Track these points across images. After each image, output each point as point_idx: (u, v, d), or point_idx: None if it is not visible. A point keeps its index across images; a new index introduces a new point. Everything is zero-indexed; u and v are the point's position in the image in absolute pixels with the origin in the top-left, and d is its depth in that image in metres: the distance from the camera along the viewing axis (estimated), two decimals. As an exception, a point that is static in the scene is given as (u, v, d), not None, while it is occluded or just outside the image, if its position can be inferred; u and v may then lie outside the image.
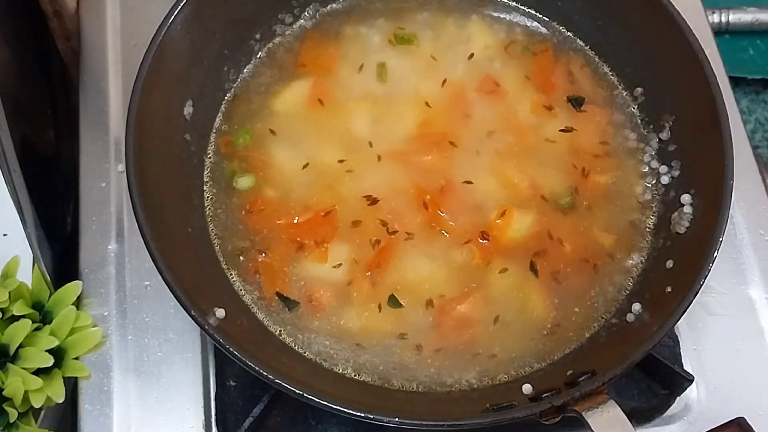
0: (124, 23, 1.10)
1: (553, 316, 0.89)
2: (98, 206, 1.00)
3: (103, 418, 0.90)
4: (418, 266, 0.90)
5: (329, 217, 0.92)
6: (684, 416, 0.93)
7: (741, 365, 0.95)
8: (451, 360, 0.87)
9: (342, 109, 0.98)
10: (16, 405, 0.86)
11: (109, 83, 1.07)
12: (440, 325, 0.88)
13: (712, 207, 0.82)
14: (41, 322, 0.91)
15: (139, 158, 0.82)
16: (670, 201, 0.91)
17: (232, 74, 0.99)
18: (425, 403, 0.84)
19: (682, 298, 0.78)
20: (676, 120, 0.93)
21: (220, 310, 0.80)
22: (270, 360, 0.80)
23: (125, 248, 0.98)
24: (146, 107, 0.85)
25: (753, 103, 1.74)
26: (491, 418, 0.74)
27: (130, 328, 0.94)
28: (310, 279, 0.90)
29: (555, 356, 0.87)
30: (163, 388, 0.92)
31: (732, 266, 0.99)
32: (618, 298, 0.89)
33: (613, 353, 0.81)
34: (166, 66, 0.88)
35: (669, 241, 0.89)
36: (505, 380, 0.86)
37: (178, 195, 0.90)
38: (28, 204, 0.92)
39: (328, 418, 0.90)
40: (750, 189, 1.03)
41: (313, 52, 1.00)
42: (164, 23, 0.87)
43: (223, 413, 0.90)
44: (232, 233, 0.92)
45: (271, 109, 0.98)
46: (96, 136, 1.03)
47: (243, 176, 0.94)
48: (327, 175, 0.94)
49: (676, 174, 0.92)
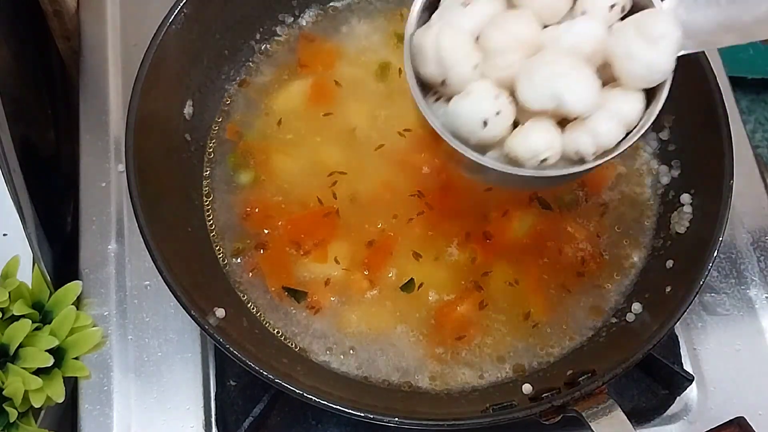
0: (124, 23, 1.10)
1: (553, 315, 0.89)
2: (98, 206, 1.00)
3: (103, 418, 0.90)
4: (417, 266, 0.90)
5: (329, 217, 0.92)
6: (684, 416, 0.93)
7: (741, 365, 0.95)
8: (451, 359, 0.87)
9: (342, 108, 0.97)
10: (16, 405, 0.86)
11: (109, 83, 1.07)
12: (440, 325, 0.88)
13: (711, 207, 0.82)
14: (41, 322, 0.91)
15: (139, 158, 0.82)
16: (670, 201, 0.91)
17: (232, 74, 0.99)
18: (425, 403, 0.84)
19: (682, 298, 0.78)
20: (675, 120, 0.93)
21: (220, 310, 0.80)
22: (270, 360, 0.80)
23: (125, 248, 0.98)
24: (146, 107, 0.85)
25: (753, 103, 1.75)
26: (491, 417, 0.74)
27: (130, 328, 0.94)
28: (310, 278, 0.90)
29: (555, 356, 0.87)
30: (163, 388, 0.92)
31: (732, 266, 0.99)
32: (618, 297, 0.89)
33: (613, 353, 0.81)
34: (166, 66, 0.88)
35: (669, 240, 0.89)
36: (505, 380, 0.86)
37: (178, 195, 0.90)
38: (28, 204, 0.92)
39: (328, 418, 0.90)
40: (750, 189, 1.03)
41: (313, 52, 1.00)
42: (164, 23, 0.87)
43: (223, 413, 0.90)
44: (232, 233, 0.92)
45: (271, 109, 0.98)
46: (96, 136, 1.03)
47: (243, 172, 0.94)
48: (327, 175, 0.94)
49: (676, 174, 0.93)
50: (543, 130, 0.66)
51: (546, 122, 0.66)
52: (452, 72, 0.66)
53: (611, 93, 0.67)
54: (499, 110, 0.65)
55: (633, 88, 0.67)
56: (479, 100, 0.66)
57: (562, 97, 0.64)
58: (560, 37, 0.66)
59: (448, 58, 0.66)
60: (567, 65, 0.64)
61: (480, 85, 0.66)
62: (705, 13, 0.67)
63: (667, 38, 0.65)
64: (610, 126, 0.67)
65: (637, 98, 0.68)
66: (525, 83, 0.65)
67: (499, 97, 0.66)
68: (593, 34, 0.66)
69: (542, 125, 0.66)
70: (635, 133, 0.68)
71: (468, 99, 0.66)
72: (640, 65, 0.65)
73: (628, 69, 0.66)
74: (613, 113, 0.67)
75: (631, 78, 0.66)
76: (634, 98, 0.68)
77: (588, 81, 0.65)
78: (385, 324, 0.88)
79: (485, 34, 0.66)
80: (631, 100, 0.67)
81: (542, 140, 0.66)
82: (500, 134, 0.67)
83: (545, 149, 0.66)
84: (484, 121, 0.65)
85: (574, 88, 0.64)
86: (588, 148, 0.67)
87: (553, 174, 0.67)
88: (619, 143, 0.68)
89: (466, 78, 0.66)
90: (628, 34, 0.65)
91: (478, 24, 0.67)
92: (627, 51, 0.65)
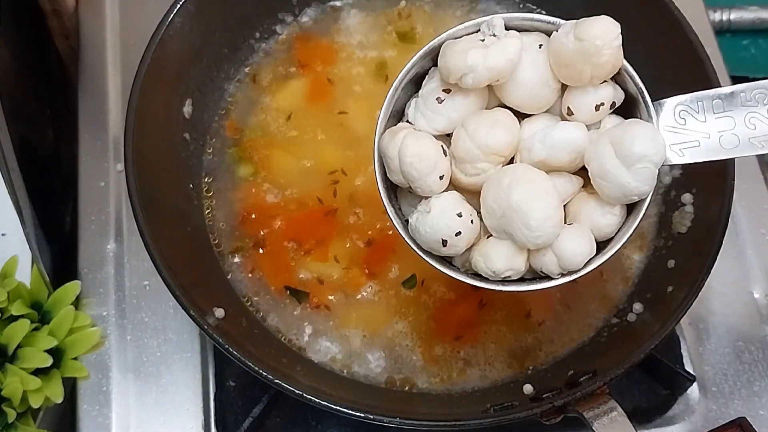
0: (123, 22, 1.10)
1: (554, 315, 0.88)
2: (97, 206, 1.00)
3: (101, 419, 0.90)
4: (418, 265, 0.89)
5: (329, 216, 0.91)
6: (685, 416, 0.92)
7: (742, 365, 0.94)
8: (451, 359, 0.86)
9: (341, 107, 0.97)
10: (14, 405, 0.85)
11: (108, 82, 1.06)
12: (440, 325, 0.88)
13: (713, 206, 0.82)
14: (40, 322, 0.91)
15: (138, 157, 0.82)
16: (672, 200, 0.91)
17: (231, 73, 0.99)
18: (425, 403, 0.84)
19: (684, 298, 0.78)
20: (677, 119, 0.93)
21: (219, 310, 0.80)
22: (270, 360, 0.80)
23: (124, 248, 0.98)
24: (145, 106, 0.84)
25: (754, 103, 1.74)
26: (492, 418, 0.74)
27: (129, 328, 0.94)
28: (310, 278, 0.89)
29: (556, 356, 0.87)
30: (162, 388, 0.91)
31: (733, 266, 0.99)
32: (619, 297, 0.89)
33: (614, 353, 0.80)
34: (166, 65, 0.88)
35: (670, 240, 0.89)
36: (506, 380, 0.86)
37: (177, 194, 0.90)
38: (27, 203, 0.92)
39: (328, 418, 0.90)
40: (751, 188, 1.03)
41: (313, 51, 1.00)
42: (163, 22, 0.87)
43: (223, 413, 0.90)
44: (231, 233, 0.91)
45: (271, 108, 0.98)
46: (95, 136, 1.03)
47: (243, 171, 0.94)
48: (326, 174, 0.94)
49: (678, 173, 0.92)
50: (504, 251, 0.63)
51: (508, 243, 0.63)
52: (416, 184, 0.64)
53: (586, 204, 0.64)
54: (459, 231, 0.63)
55: (608, 203, 0.64)
56: (439, 219, 0.63)
57: (523, 225, 0.61)
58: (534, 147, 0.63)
59: (410, 173, 0.63)
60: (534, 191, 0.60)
61: (441, 203, 0.63)
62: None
63: (645, 161, 0.60)
64: (577, 245, 0.63)
65: (613, 212, 0.64)
66: (489, 196, 0.63)
67: (462, 215, 0.63)
68: (574, 141, 0.62)
69: (504, 246, 0.63)
70: (608, 250, 0.65)
71: (428, 217, 0.64)
72: (614, 188, 0.62)
73: (602, 187, 0.62)
74: (584, 230, 0.64)
75: (605, 195, 0.63)
76: (610, 212, 0.64)
77: (549, 213, 0.61)
78: (385, 323, 0.88)
79: (456, 140, 0.64)
80: (606, 212, 0.64)
81: (501, 263, 0.63)
82: (462, 250, 0.65)
83: (505, 270, 0.64)
84: (443, 240, 0.63)
85: (534, 223, 0.60)
86: (553, 267, 0.64)
87: (517, 290, 0.66)
88: (592, 259, 0.65)
89: (430, 190, 0.64)
90: (605, 152, 0.61)
91: (453, 122, 0.64)
92: (601, 170, 0.61)
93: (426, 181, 0.63)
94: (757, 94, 0.63)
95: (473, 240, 0.65)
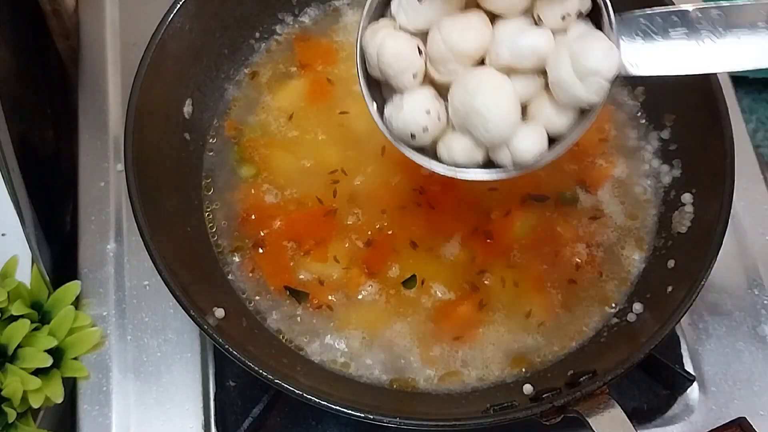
0: (123, 22, 1.10)
1: (554, 315, 0.88)
2: (97, 206, 1.00)
3: (102, 419, 0.90)
4: (418, 266, 0.90)
5: (329, 216, 0.91)
6: (685, 416, 0.92)
7: (742, 365, 0.94)
8: (451, 359, 0.86)
9: (342, 107, 0.97)
10: (14, 405, 0.85)
11: (108, 82, 1.07)
12: (440, 325, 0.87)
13: (713, 206, 0.82)
14: (40, 322, 0.91)
15: (138, 158, 0.82)
16: (671, 200, 0.91)
17: (231, 73, 0.99)
18: (425, 403, 0.84)
19: (684, 298, 0.78)
20: (677, 119, 0.93)
21: (219, 310, 0.80)
22: (270, 360, 0.80)
23: (124, 248, 0.98)
24: (145, 106, 0.84)
25: (755, 103, 1.74)
26: (492, 418, 0.74)
27: (129, 328, 0.94)
28: (309, 278, 0.89)
29: (556, 356, 0.87)
30: (162, 388, 0.91)
31: (733, 266, 0.99)
32: (619, 297, 0.89)
33: (614, 353, 0.80)
34: (166, 65, 0.88)
35: (670, 240, 0.89)
36: (506, 380, 0.86)
37: (178, 194, 0.90)
38: (27, 203, 0.92)
39: (328, 418, 0.90)
40: (751, 188, 1.03)
41: (313, 51, 1.00)
42: (163, 22, 0.87)
43: (223, 413, 0.90)
44: (231, 232, 0.91)
45: (271, 108, 0.98)
46: (95, 135, 1.03)
47: (243, 171, 0.94)
48: (326, 173, 0.94)
49: (678, 173, 0.92)
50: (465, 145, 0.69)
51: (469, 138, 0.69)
52: (391, 81, 0.69)
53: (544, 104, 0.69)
54: (426, 126, 0.69)
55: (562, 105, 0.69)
56: (409, 115, 0.69)
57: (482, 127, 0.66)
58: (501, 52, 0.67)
59: (386, 71, 0.68)
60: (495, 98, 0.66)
61: (412, 99, 0.69)
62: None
63: (598, 75, 0.65)
64: (529, 143, 0.68)
65: (567, 113, 0.69)
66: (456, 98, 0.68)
67: (430, 112, 0.68)
68: (538, 49, 0.66)
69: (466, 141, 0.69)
70: (559, 147, 0.70)
71: (400, 113, 0.69)
72: (567, 96, 0.67)
73: (557, 92, 0.67)
74: (538, 129, 0.69)
75: (560, 100, 0.68)
76: (564, 113, 0.69)
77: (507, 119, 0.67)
78: (385, 324, 0.88)
79: (430, 42, 0.68)
80: (561, 113, 0.69)
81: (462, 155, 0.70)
82: (428, 143, 0.71)
83: (464, 162, 0.70)
84: (412, 134, 0.69)
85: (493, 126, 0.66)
86: (507, 162, 0.70)
87: (473, 178, 0.71)
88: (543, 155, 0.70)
89: (404, 87, 0.69)
90: (562, 63, 0.66)
91: (430, 21, 0.68)
92: (558, 79, 0.66)
93: (401, 79, 0.68)
94: (714, 15, 0.66)
95: (439, 134, 0.70)
